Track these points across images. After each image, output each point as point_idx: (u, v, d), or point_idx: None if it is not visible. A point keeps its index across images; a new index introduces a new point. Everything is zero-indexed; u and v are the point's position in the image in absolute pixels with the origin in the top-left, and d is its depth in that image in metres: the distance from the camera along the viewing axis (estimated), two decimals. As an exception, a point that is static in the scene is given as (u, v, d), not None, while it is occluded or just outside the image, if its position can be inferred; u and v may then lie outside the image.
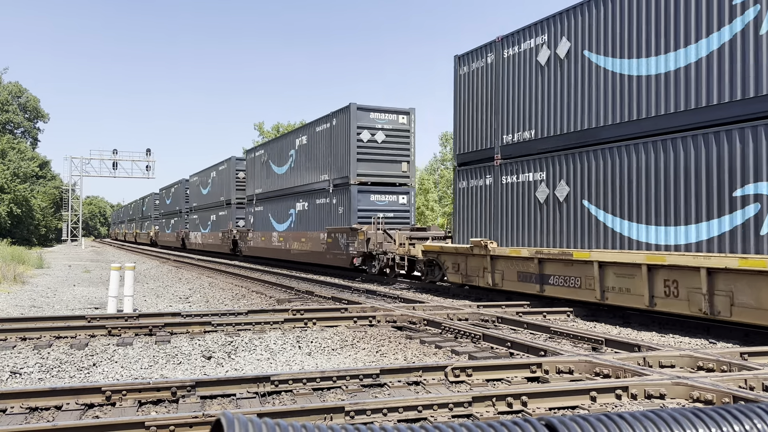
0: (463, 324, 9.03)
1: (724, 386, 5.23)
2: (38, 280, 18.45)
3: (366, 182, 20.02)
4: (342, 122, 20.54)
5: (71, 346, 7.80)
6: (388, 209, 20.14)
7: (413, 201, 20.83)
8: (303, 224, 23.57)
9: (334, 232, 20.49)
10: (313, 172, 23.00)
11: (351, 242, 19.26)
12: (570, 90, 11.75)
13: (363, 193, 19.98)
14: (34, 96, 67.65)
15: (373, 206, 20.05)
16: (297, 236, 23.89)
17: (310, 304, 12.12)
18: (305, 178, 23.68)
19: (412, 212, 20.83)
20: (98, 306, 12.29)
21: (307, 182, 23.49)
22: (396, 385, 5.83)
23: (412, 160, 20.74)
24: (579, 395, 5.22)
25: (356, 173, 19.88)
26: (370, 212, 19.78)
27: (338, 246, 20.08)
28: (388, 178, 20.42)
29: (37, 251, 36.48)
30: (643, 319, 10.41)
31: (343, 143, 20.44)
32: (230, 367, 6.87)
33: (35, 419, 4.84)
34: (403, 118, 20.69)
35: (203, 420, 4.36)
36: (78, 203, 76.25)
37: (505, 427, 1.34)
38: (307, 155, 23.50)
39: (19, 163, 52.66)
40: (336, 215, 20.81)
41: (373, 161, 20.13)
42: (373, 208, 19.97)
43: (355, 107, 19.91)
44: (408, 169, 20.73)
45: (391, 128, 20.46)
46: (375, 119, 20.21)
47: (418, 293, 15.02)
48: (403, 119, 20.71)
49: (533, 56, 12.70)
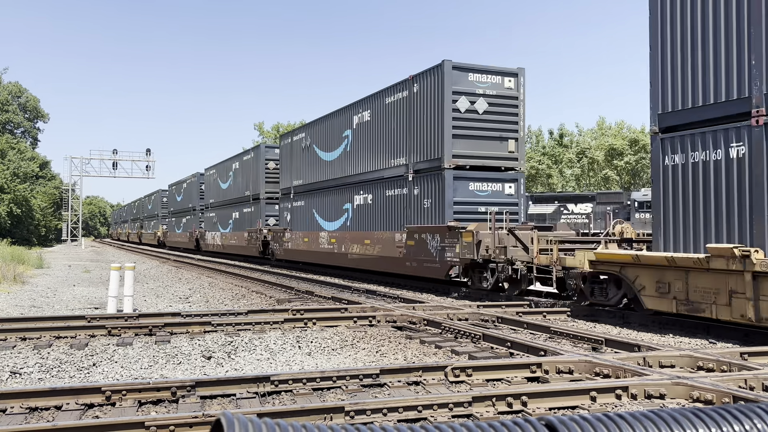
0: (463, 324, 9.03)
1: (724, 386, 5.23)
2: (38, 280, 18.45)
3: (464, 166, 15.43)
4: (430, 87, 15.87)
5: (71, 346, 7.80)
6: (491, 201, 15.59)
7: (522, 190, 16.26)
8: (364, 222, 19.22)
9: (419, 233, 15.87)
10: (380, 156, 18.40)
11: (448, 246, 14.67)
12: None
13: (460, 180, 15.36)
14: (34, 96, 67.76)
15: (473, 198, 15.53)
16: (358, 237, 19.31)
17: (310, 304, 12.12)
18: (367, 164, 19.15)
19: (522, 205, 16.33)
20: (98, 306, 12.29)
21: (370, 169, 18.93)
22: (396, 385, 5.83)
23: (521, 137, 16.22)
24: (579, 395, 5.22)
25: (451, 154, 15.26)
26: (469, 206, 15.40)
27: (425, 251, 15.50)
28: (491, 161, 15.79)
29: (36, 251, 36.48)
30: (643, 319, 10.41)
31: (431, 115, 15.83)
32: (230, 367, 6.87)
33: (35, 419, 4.84)
34: (509, 81, 16.04)
35: (203, 420, 4.36)
36: (78, 203, 76.24)
37: (505, 427, 1.34)
38: (371, 135, 18.89)
39: (19, 163, 52.66)
40: (417, 210, 16.37)
41: (473, 138, 15.55)
42: (473, 201, 15.49)
43: (450, 66, 15.36)
44: (516, 149, 16.12)
45: (495, 94, 15.80)
46: (475, 83, 15.57)
47: (418, 293, 15.02)
48: (510, 82, 16.04)
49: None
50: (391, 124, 17.82)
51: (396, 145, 17.53)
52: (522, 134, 16.19)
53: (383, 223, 18.07)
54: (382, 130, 18.24)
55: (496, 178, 15.88)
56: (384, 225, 18.00)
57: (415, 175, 16.59)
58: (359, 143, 19.68)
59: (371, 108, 18.97)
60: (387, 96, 18.06)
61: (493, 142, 15.82)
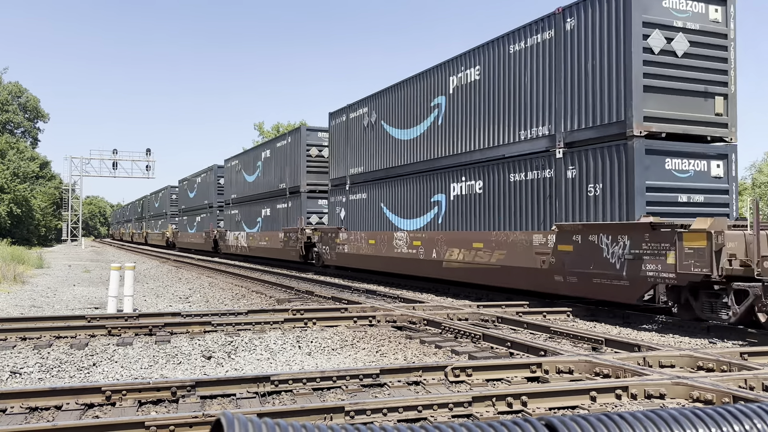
0: (463, 324, 9.03)
1: (724, 386, 5.23)
2: (38, 280, 18.45)
3: (658, 134, 10.53)
4: (601, 20, 11.04)
5: (71, 345, 7.80)
6: (693, 188, 10.85)
7: (735, 171, 11.27)
8: (467, 218, 14.21)
9: (585, 233, 10.86)
10: (499, 127, 13.42)
11: (648, 254, 9.69)
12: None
13: (654, 155, 10.54)
14: (34, 96, 67.78)
15: (672, 181, 10.73)
16: (460, 240, 14.24)
17: (310, 304, 12.12)
18: (475, 139, 14.16)
19: (733, 192, 11.30)
20: (98, 306, 12.29)
21: (480, 146, 13.95)
22: (396, 385, 5.83)
23: (731, 94, 11.28)
24: (579, 395, 5.22)
25: (642, 116, 10.40)
26: (666, 193, 10.64)
27: (599, 260, 10.54)
28: (695, 127, 10.89)
29: (37, 251, 36.48)
30: (643, 319, 10.41)
31: (603, 59, 10.98)
32: (230, 367, 6.87)
33: (35, 419, 4.84)
34: (716, 12, 11.14)
35: (203, 420, 4.36)
36: (78, 203, 76.25)
37: (505, 427, 1.34)
38: (482, 99, 14.02)
39: (19, 163, 52.66)
40: (574, 200, 11.47)
41: (671, 92, 10.75)
42: (671, 186, 10.70)
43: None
44: (725, 110, 11.22)
45: (699, 29, 10.99)
46: (671, 10, 10.75)
47: (418, 293, 15.02)
48: (716, 13, 11.16)
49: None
50: (520, 81, 12.87)
51: (530, 110, 12.55)
52: (733, 89, 11.31)
53: (506, 219, 13.06)
54: (504, 91, 13.30)
55: (700, 152, 10.96)
56: (507, 222, 13.01)
57: (569, 150, 11.58)
58: (459, 112, 14.76)
59: (482, 62, 14.04)
60: (512, 42, 13.14)
61: (695, 99, 10.95)
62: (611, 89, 10.82)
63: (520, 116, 12.85)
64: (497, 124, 13.52)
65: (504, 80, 13.36)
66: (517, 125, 12.94)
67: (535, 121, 12.45)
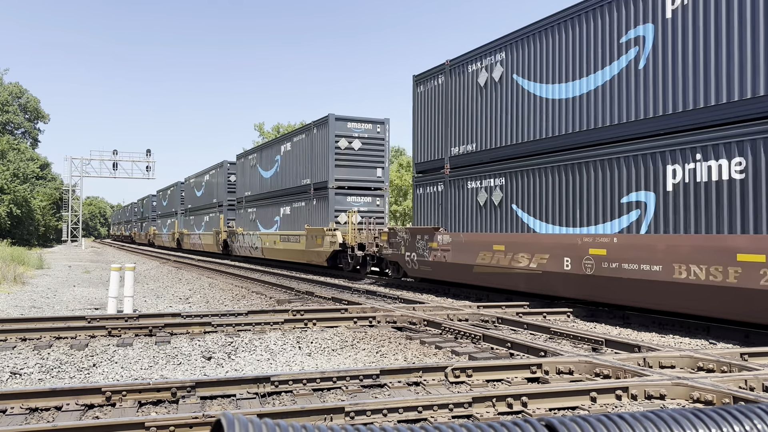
0: (463, 324, 9.03)
1: (724, 387, 5.23)
2: (38, 281, 18.45)
3: None
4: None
5: (71, 346, 7.80)
6: None
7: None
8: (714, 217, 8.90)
9: None
10: None
11: None
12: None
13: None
14: (35, 97, 67.83)
15: None
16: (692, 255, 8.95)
17: (310, 305, 12.12)
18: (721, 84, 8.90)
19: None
20: (98, 306, 12.29)
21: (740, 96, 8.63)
22: (396, 386, 5.83)
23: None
24: (579, 396, 5.22)
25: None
26: None
27: None
28: None
29: (37, 252, 36.48)
30: (643, 319, 10.40)
31: None
32: (230, 367, 6.87)
33: (35, 420, 4.84)
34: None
35: (203, 420, 4.36)
36: (78, 204, 76.26)
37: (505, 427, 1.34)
38: None
39: (19, 164, 52.67)
40: None
41: None
42: None
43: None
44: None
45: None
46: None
47: (418, 294, 15.01)
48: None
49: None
50: None
51: None
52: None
53: None
54: None
55: None
56: None
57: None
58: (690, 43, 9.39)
59: None
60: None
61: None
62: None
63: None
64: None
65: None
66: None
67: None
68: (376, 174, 21.92)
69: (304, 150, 23.86)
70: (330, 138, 21.37)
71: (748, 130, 8.48)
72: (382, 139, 21.84)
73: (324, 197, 21.81)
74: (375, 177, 21.83)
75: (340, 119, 21.50)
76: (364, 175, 21.85)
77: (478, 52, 14.46)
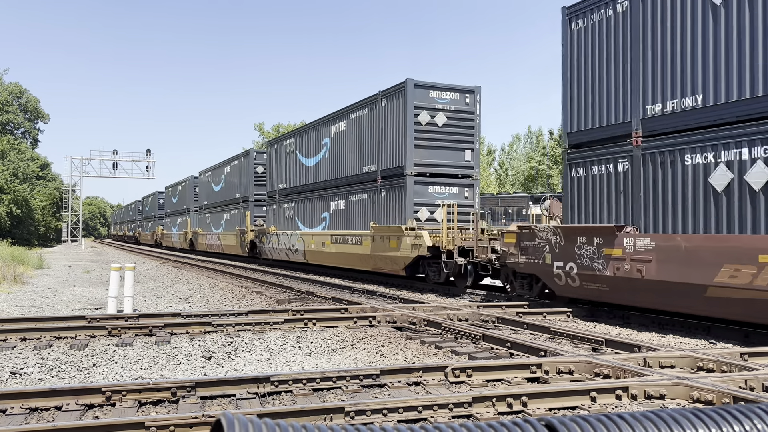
0: (463, 324, 9.03)
1: (724, 387, 5.23)
2: (38, 281, 18.45)
3: None
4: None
5: (71, 346, 7.80)
6: None
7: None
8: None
9: None
10: None
11: None
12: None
13: None
14: (35, 96, 67.91)
15: None
16: None
17: (310, 305, 12.12)
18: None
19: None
20: (98, 306, 12.29)
21: None
22: (396, 386, 5.83)
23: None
24: (579, 396, 5.22)
25: None
26: None
27: None
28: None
29: (37, 252, 36.49)
30: (643, 319, 10.41)
31: None
32: (230, 367, 6.87)
33: (35, 419, 4.84)
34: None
35: (203, 420, 4.36)
36: (78, 204, 76.27)
37: (505, 427, 1.34)
38: None
39: (19, 164, 52.69)
40: None
41: None
42: None
43: None
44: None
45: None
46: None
47: (418, 294, 15.01)
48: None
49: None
50: None
51: None
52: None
53: None
54: None
55: None
56: None
57: None
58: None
59: None
60: None
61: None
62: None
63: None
64: None
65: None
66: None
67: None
68: (465, 157, 17.35)
69: (366, 128, 19.00)
70: (408, 111, 16.55)
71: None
72: (471, 113, 17.24)
73: (398, 187, 16.96)
74: (463, 161, 17.26)
75: (421, 86, 16.73)
76: (450, 158, 17.09)
77: None
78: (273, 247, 25.17)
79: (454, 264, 14.74)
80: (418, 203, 16.62)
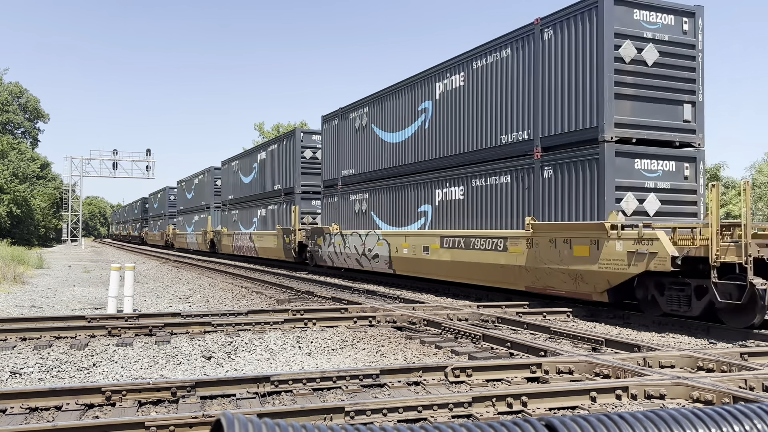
0: (463, 324, 9.03)
1: (724, 386, 5.23)
2: (38, 281, 18.45)
3: None
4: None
5: (71, 346, 7.80)
6: None
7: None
8: None
9: None
10: None
11: None
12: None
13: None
14: (35, 96, 67.92)
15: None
16: None
17: (310, 305, 12.12)
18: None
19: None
20: (98, 306, 12.29)
21: None
22: (396, 386, 5.83)
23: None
24: (579, 395, 5.22)
25: None
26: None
27: None
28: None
29: (36, 251, 36.48)
30: (643, 319, 10.40)
31: None
32: (230, 367, 6.87)
33: (35, 419, 4.84)
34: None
35: (203, 420, 4.36)
36: (78, 203, 76.26)
37: (505, 427, 1.34)
38: None
39: (19, 164, 52.68)
40: None
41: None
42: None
43: None
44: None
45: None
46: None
47: (418, 293, 15.01)
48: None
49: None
50: None
51: None
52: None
53: None
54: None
55: None
56: None
57: None
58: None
59: None
60: None
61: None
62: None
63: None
64: None
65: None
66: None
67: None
68: (683, 115, 11.55)
69: (509, 78, 13.15)
70: (603, 39, 10.86)
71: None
72: (692, 47, 11.51)
73: (583, 161, 11.25)
74: (681, 120, 11.52)
75: (622, 2, 11.01)
76: (662, 116, 11.35)
77: None
78: (335, 251, 19.85)
79: (733, 287, 8.81)
80: (621, 186, 10.86)
